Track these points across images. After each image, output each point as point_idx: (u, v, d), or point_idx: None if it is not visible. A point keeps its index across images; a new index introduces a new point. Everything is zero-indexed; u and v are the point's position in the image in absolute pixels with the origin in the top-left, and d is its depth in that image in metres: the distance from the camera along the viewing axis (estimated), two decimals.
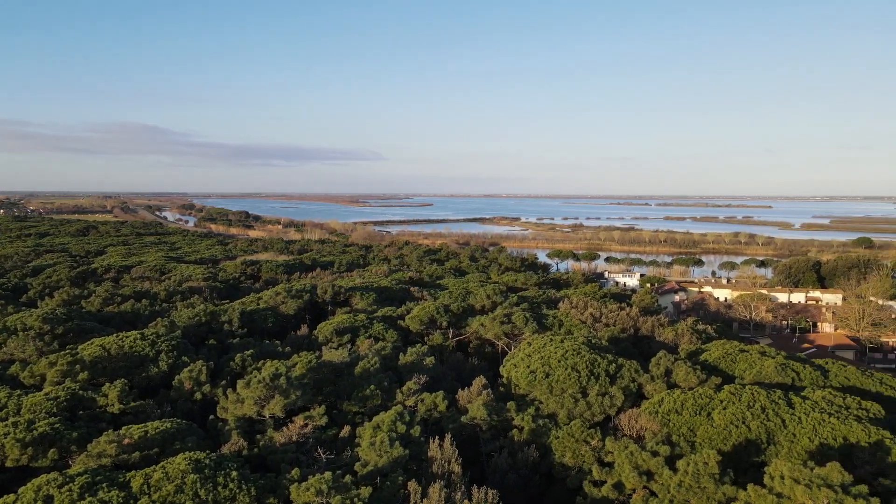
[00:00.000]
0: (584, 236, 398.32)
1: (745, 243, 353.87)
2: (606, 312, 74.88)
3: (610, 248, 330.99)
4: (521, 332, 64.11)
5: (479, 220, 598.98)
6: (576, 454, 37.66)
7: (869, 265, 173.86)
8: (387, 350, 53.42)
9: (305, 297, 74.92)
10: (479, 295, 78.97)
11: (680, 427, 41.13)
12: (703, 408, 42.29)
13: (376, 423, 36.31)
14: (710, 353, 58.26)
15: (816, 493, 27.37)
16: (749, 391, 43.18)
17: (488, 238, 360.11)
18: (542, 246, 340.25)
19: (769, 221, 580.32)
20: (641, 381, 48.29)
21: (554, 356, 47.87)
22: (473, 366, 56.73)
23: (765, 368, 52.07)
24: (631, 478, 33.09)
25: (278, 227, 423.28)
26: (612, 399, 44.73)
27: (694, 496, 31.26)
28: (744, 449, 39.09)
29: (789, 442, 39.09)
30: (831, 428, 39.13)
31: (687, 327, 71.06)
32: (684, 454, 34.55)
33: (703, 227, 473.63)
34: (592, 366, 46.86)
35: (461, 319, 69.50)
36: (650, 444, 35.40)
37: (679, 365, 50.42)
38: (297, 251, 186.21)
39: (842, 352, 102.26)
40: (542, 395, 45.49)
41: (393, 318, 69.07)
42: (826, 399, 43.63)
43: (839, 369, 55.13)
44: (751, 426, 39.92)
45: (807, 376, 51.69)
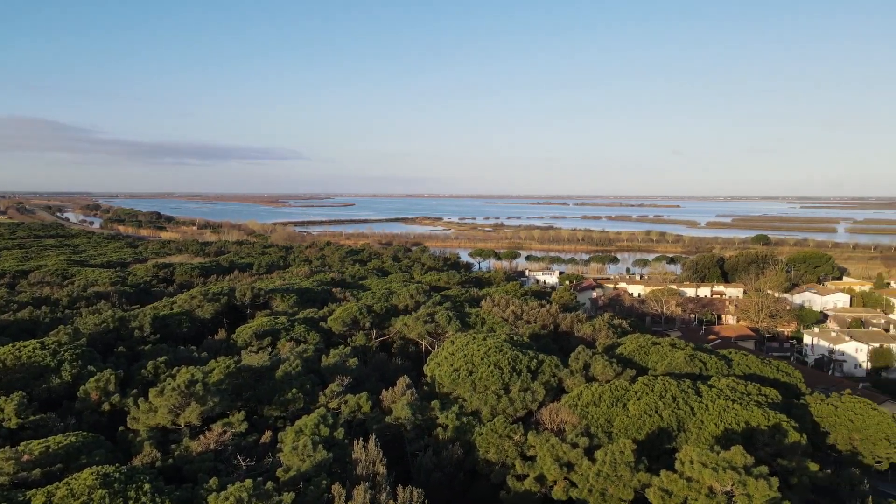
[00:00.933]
0: (505, 235, 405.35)
1: (657, 241, 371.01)
2: (527, 310, 76.53)
3: (530, 247, 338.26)
4: (444, 330, 64.51)
5: (401, 220, 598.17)
6: (499, 450, 38.27)
7: (766, 261, 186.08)
8: (309, 352, 52.44)
9: (223, 301, 72.40)
10: (402, 295, 78.87)
11: (598, 419, 42.61)
12: (620, 399, 44.00)
13: (299, 427, 35.56)
14: (626, 346, 60.71)
15: (722, 475, 29.04)
16: (661, 382, 45.30)
17: (411, 238, 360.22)
18: (464, 245, 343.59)
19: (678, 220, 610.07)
20: (561, 376, 49.68)
21: (477, 354, 48.46)
22: (397, 366, 56.59)
23: (675, 360, 54.79)
24: (552, 470, 33.97)
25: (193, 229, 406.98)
26: (534, 394, 45.78)
27: (611, 484, 32.45)
28: (657, 437, 40.97)
29: (698, 428, 41.30)
30: (735, 414, 41.64)
31: (604, 322, 73.68)
32: (602, 444, 35.83)
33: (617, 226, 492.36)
34: (514, 362, 47.77)
35: (384, 320, 69.17)
36: (570, 436, 36.48)
37: (597, 359, 52.22)
38: (213, 253, 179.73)
39: (743, 342, 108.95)
40: (465, 393, 45.96)
41: (315, 319, 67.89)
42: (730, 387, 46.40)
43: (741, 358, 58.76)
44: (663, 415, 41.89)
45: (713, 366, 54.77)
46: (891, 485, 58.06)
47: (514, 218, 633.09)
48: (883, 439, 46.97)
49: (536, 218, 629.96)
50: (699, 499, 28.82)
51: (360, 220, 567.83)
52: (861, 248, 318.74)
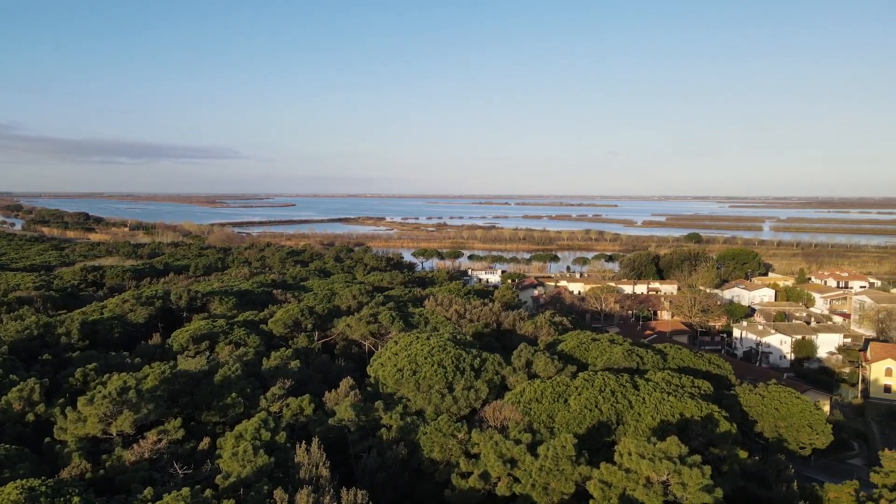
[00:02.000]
0: (448, 235, 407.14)
1: (596, 240, 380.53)
2: (470, 309, 77.11)
3: (473, 246, 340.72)
4: (387, 331, 64.25)
5: (343, 221, 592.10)
6: (443, 448, 38.40)
7: (698, 258, 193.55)
8: (249, 355, 51.27)
9: (157, 304, 69.93)
10: (344, 296, 78.09)
11: (540, 414, 43.34)
12: (561, 395, 44.89)
13: (239, 432, 34.69)
14: (567, 343, 62.01)
15: (658, 465, 30.02)
16: (601, 377, 46.47)
17: (353, 238, 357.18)
18: (407, 245, 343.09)
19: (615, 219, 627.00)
20: (504, 374, 50.28)
21: (421, 353, 48.48)
22: (340, 367, 56.02)
23: (614, 355, 56.31)
24: (496, 466, 34.32)
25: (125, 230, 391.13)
26: (478, 392, 46.17)
27: (554, 479, 33.05)
28: (597, 430, 42.01)
29: (635, 421, 42.56)
30: (670, 406, 43.13)
31: (545, 320, 75.02)
32: (545, 440, 36.42)
33: (558, 225, 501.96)
34: (458, 361, 48.03)
35: (327, 321, 68.34)
36: (513, 432, 36.94)
37: (539, 356, 53.11)
38: (147, 255, 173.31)
39: (678, 336, 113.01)
40: (409, 393, 45.91)
41: (255, 322, 66.44)
42: (665, 380, 48.03)
43: (676, 352, 60.94)
44: (603, 409, 42.98)
45: (649, 360, 56.57)
46: (813, 469, 61.43)
47: (457, 218, 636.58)
48: (806, 426, 49.63)
49: (479, 217, 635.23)
50: (637, 489, 29.69)
51: (302, 221, 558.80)
52: (784, 245, 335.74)
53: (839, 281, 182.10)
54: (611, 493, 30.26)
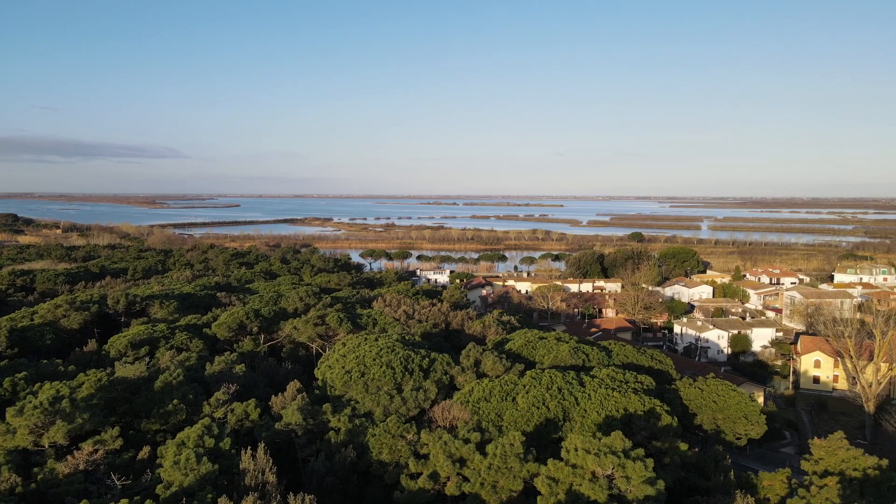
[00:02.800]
0: (396, 235, 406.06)
1: (542, 239, 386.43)
2: (419, 309, 77.07)
3: (421, 247, 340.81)
4: (335, 332, 63.58)
5: (289, 222, 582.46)
6: (392, 450, 38.26)
7: (641, 257, 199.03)
8: (192, 360, 49.84)
9: (93, 309, 67.18)
10: (291, 298, 76.83)
11: (489, 413, 43.69)
12: (509, 393, 45.37)
13: (181, 440, 33.68)
14: (514, 342, 62.70)
15: (604, 460, 30.70)
16: (548, 374, 47.19)
17: (300, 239, 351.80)
18: (355, 246, 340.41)
19: (561, 219, 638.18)
20: (453, 373, 50.45)
21: (369, 355, 48.17)
22: (287, 370, 55.08)
23: (560, 353, 57.27)
24: (445, 466, 34.41)
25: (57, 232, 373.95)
26: (427, 392, 46.17)
27: (502, 476, 33.38)
28: (544, 427, 42.63)
29: (582, 417, 43.41)
30: (615, 401, 44.18)
31: (493, 319, 75.67)
32: (493, 438, 36.73)
33: (505, 225, 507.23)
34: (407, 362, 47.94)
35: (273, 324, 67.11)
36: (462, 432, 37.11)
37: (487, 355, 53.52)
38: (81, 258, 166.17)
39: (622, 333, 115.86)
40: (358, 395, 45.54)
41: (198, 326, 64.63)
42: (610, 376, 49.13)
43: (620, 349, 62.46)
44: (550, 406, 43.66)
45: (595, 357, 57.77)
46: (749, 458, 63.97)
47: (405, 218, 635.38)
48: (742, 418, 51.66)
49: (427, 218, 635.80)
50: (583, 484, 30.28)
51: (246, 222, 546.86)
52: (721, 243, 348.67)
53: (772, 278, 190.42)
54: (558, 488, 30.76)
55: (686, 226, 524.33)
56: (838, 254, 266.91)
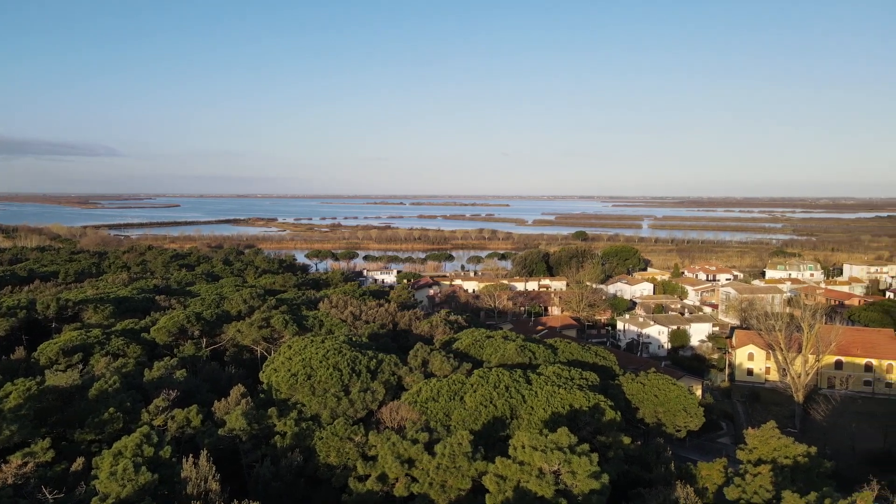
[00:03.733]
0: (342, 235, 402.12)
1: (489, 239, 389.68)
2: (366, 310, 76.56)
3: (368, 247, 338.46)
4: (281, 335, 62.48)
5: (232, 222, 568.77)
6: (340, 452, 37.86)
7: (585, 255, 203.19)
8: (129, 367, 48.07)
9: (21, 315, 63.95)
10: (234, 300, 75.07)
11: (437, 413, 43.76)
12: (457, 393, 45.55)
13: (118, 450, 32.39)
14: (462, 341, 63.01)
15: (550, 456, 31.19)
16: (495, 373, 47.62)
17: (243, 240, 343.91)
18: (300, 247, 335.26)
19: (508, 218, 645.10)
20: (401, 374, 50.31)
21: (315, 357, 47.53)
22: (231, 374, 53.78)
23: (507, 351, 57.89)
24: (394, 468, 34.28)
25: None
26: (374, 394, 45.89)
27: (451, 476, 33.48)
28: (492, 426, 43.00)
29: (529, 414, 43.99)
30: (560, 398, 44.96)
31: (441, 319, 75.88)
32: (442, 438, 36.81)
33: (452, 225, 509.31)
34: (354, 363, 47.53)
35: (216, 327, 65.41)
36: (410, 432, 37.04)
37: (435, 355, 53.61)
38: (7, 261, 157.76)
39: (567, 331, 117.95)
40: (304, 398, 44.87)
41: (136, 330, 62.37)
42: (556, 373, 49.98)
43: (565, 346, 63.63)
44: (497, 405, 44.07)
45: (541, 355, 58.65)
46: (688, 449, 66.16)
47: (352, 218, 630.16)
48: (681, 410, 53.43)
49: (374, 218, 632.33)
50: (530, 481, 30.68)
51: (187, 223, 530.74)
52: (661, 242, 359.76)
53: (708, 274, 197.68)
54: (506, 486, 31.07)
55: (628, 225, 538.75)
56: (769, 251, 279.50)
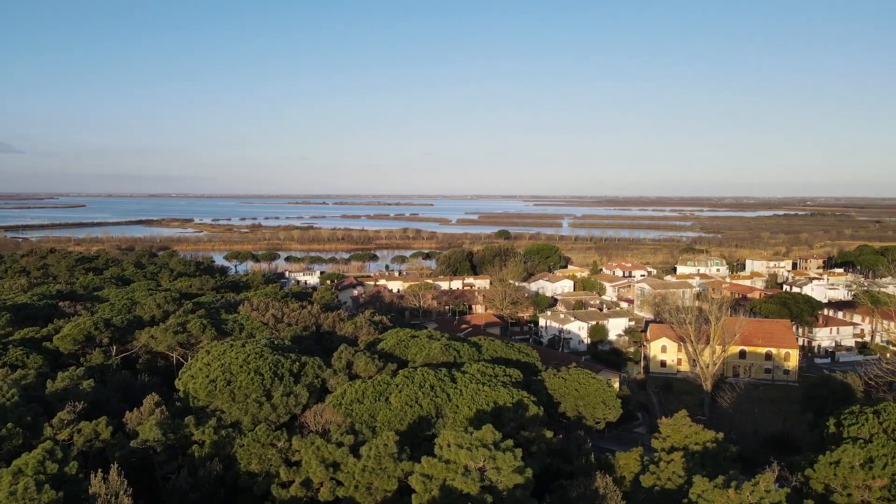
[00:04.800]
0: (263, 236, 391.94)
1: (413, 238, 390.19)
2: (288, 312, 74.94)
3: (290, 248, 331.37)
4: (198, 340, 60.19)
5: (144, 223, 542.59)
6: (262, 459, 36.88)
7: (507, 254, 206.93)
8: (29, 378, 44.96)
9: None
10: (147, 305, 71.66)
11: (362, 415, 43.39)
12: (382, 393, 45.33)
13: (17, 468, 30.21)
14: (387, 341, 62.76)
15: (475, 453, 31.55)
16: (420, 373, 47.71)
17: (157, 242, 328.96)
18: (219, 248, 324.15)
19: (432, 218, 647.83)
20: (325, 376, 49.56)
21: (235, 362, 46.07)
22: (144, 383, 51.30)
23: (432, 350, 58.12)
24: (318, 472, 33.72)
25: None
26: (298, 398, 44.98)
27: (377, 478, 33.28)
28: (418, 425, 43.06)
29: (454, 413, 44.34)
30: (485, 395, 45.57)
31: (365, 320, 75.27)
32: (367, 440, 36.53)
33: (376, 225, 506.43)
34: (276, 367, 46.41)
35: (127, 333, 62.24)
36: (335, 435, 36.55)
37: (359, 356, 53.13)
38: None
39: (491, 328, 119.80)
40: (224, 404, 43.42)
41: (37, 339, 58.44)
42: (480, 371, 50.63)
43: (489, 344, 64.55)
44: (423, 404, 44.16)
45: (465, 353, 59.23)
46: (607, 440, 68.57)
47: (273, 218, 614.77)
48: (601, 403, 55.34)
49: (296, 218, 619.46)
50: (456, 479, 30.92)
51: (94, 223, 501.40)
52: (580, 240, 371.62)
53: (624, 271, 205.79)
54: (432, 485, 31.18)
55: (549, 223, 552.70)
56: (679, 248, 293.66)
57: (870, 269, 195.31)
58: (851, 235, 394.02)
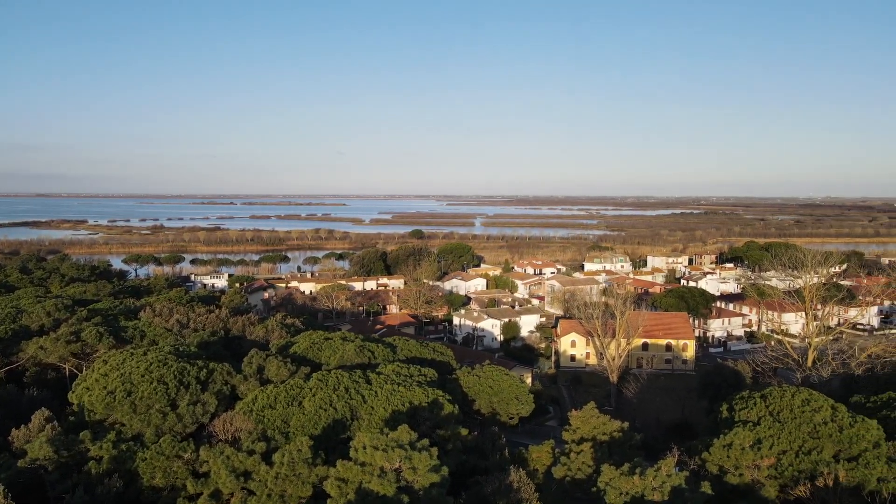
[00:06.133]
0: (166, 238, 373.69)
1: (326, 239, 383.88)
2: (195, 317, 71.89)
3: (196, 250, 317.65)
4: (94, 350, 56.61)
5: (31, 224, 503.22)
6: (167, 472, 35.19)
7: (421, 253, 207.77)
8: None
9: None
10: (36, 313, 66.61)
11: (274, 421, 42.27)
12: (295, 398, 44.33)
13: None
14: (299, 344, 61.42)
15: (391, 454, 31.48)
16: (334, 375, 47.03)
17: (46, 245, 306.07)
18: (117, 251, 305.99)
19: (345, 218, 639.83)
20: (235, 382, 47.92)
21: (137, 371, 43.70)
22: (33, 398, 47.63)
23: (347, 352, 57.45)
24: (228, 482, 32.56)
25: None
26: (205, 406, 43.26)
27: (290, 485, 32.53)
28: (333, 429, 42.45)
29: (369, 415, 44.03)
30: (400, 396, 45.54)
31: (277, 323, 73.35)
32: (280, 446, 35.63)
33: (287, 225, 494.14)
34: (182, 375, 44.40)
35: (12, 345, 57.60)
36: (246, 443, 35.43)
37: (271, 360, 51.71)
38: None
39: (406, 328, 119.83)
40: (124, 417, 41.08)
41: None
42: (395, 371, 50.54)
43: (404, 344, 64.55)
44: (337, 407, 43.58)
45: (380, 354, 58.95)
46: (520, 435, 70.23)
47: (176, 219, 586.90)
48: (514, 399, 56.62)
49: (201, 218, 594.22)
50: (372, 481, 30.73)
51: None
52: (493, 239, 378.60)
53: (535, 269, 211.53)
54: (348, 488, 30.83)
55: (462, 223, 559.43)
56: (587, 245, 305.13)
57: (756, 263, 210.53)
58: (740, 233, 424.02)
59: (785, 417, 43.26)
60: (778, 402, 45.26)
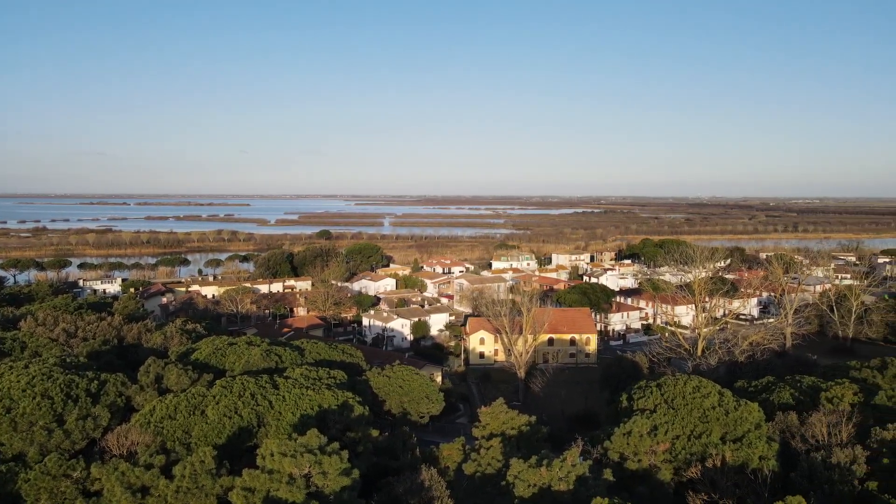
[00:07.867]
0: (49, 241, 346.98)
1: (229, 240, 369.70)
2: (84, 325, 67.29)
3: (84, 253, 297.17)
4: None
5: None
6: (54, 493, 32.69)
7: (329, 254, 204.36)
8: None
9: None
10: None
11: (175, 432, 40.29)
12: (197, 407, 42.45)
13: None
14: (201, 351, 58.87)
15: (300, 460, 30.80)
16: (239, 381, 45.44)
17: None
18: None
19: (249, 218, 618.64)
20: (130, 393, 45.28)
21: (17, 386, 40.34)
22: None
23: (252, 357, 55.65)
24: (123, 500, 30.70)
25: None
26: (97, 420, 40.59)
27: (193, 498, 31.10)
28: (238, 437, 41.02)
29: (277, 420, 42.88)
30: (309, 399, 44.67)
31: (176, 329, 69.94)
32: (181, 458, 33.99)
33: (187, 226, 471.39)
34: (69, 388, 41.43)
35: None
36: (143, 457, 33.54)
37: (170, 369, 49.25)
38: None
39: (314, 331, 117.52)
40: (4, 436, 37.81)
41: None
42: (304, 375, 49.52)
43: (312, 346, 63.36)
44: (243, 414, 42.14)
45: (287, 357, 57.55)
46: (431, 433, 70.67)
47: (61, 220, 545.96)
48: (424, 398, 56.93)
49: (90, 220, 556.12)
50: (280, 488, 29.93)
51: None
52: (402, 238, 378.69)
53: (444, 268, 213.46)
54: (254, 498, 29.87)
55: (370, 223, 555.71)
56: (494, 244, 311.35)
57: (651, 259, 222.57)
58: (636, 230, 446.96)
59: (678, 404, 46.02)
60: (672, 390, 48.09)
